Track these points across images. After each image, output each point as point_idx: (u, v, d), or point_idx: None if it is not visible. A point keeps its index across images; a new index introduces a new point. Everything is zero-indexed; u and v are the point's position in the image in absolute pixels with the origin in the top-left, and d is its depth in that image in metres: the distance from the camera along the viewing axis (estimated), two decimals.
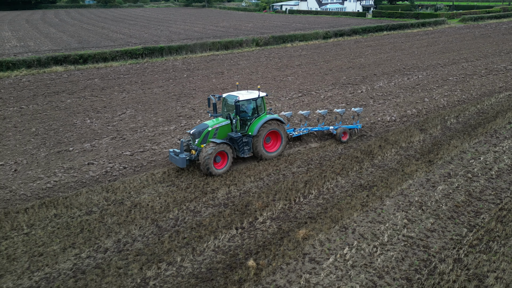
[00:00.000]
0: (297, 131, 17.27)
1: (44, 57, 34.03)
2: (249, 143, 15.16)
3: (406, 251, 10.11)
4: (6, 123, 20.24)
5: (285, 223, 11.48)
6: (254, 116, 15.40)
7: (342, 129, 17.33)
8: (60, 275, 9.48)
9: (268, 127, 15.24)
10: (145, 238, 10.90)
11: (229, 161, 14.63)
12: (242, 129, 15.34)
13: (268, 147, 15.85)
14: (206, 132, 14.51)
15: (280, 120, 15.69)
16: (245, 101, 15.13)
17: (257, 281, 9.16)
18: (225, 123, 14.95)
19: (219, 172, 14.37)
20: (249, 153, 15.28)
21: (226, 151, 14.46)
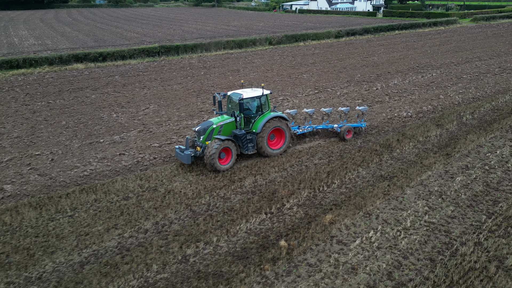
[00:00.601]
0: (301, 129, 17.50)
1: (65, 55, 35.12)
2: (253, 140, 15.37)
3: (428, 235, 10.72)
4: (37, 117, 21.21)
5: (311, 209, 12.15)
6: (258, 113, 15.63)
7: (346, 127, 17.46)
8: (107, 252, 10.28)
9: (272, 125, 15.44)
10: (181, 221, 11.65)
11: (233, 157, 14.87)
12: (247, 126, 15.57)
13: (272, 145, 16.04)
14: (211, 129, 14.81)
15: (284, 117, 15.85)
16: (249, 99, 15.36)
17: (289, 259, 9.85)
18: (230, 120, 15.21)
19: (224, 168, 14.64)
20: (253, 150, 15.50)
21: (231, 148, 14.74)
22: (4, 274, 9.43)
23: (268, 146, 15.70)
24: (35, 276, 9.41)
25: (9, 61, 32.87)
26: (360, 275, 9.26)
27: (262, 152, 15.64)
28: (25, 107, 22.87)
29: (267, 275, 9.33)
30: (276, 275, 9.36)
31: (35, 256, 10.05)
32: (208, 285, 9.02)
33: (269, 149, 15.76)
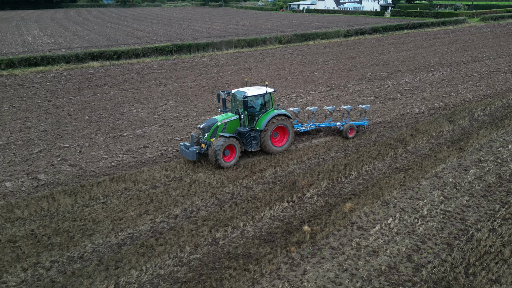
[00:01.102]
0: (304, 127, 17.64)
1: (81, 53, 36.00)
2: (256, 137, 15.57)
3: (444, 222, 11.26)
4: (60, 112, 22.01)
5: (331, 198, 12.73)
6: (262, 111, 15.81)
7: (349, 125, 17.61)
8: (141, 235, 10.96)
9: (275, 122, 15.64)
10: (208, 207, 12.30)
11: (237, 154, 15.08)
12: (250, 124, 15.75)
13: (275, 142, 16.21)
14: (216, 126, 15.06)
15: (287, 115, 16.01)
16: (253, 97, 15.55)
17: (313, 243, 10.45)
18: (234, 118, 15.43)
19: (228, 165, 14.86)
20: (256, 147, 15.69)
21: (235, 145, 14.93)
22: (48, 254, 10.14)
23: (271, 144, 15.90)
24: (76, 256, 10.11)
25: (28, 58, 33.82)
26: (381, 257, 9.84)
27: (265, 149, 15.87)
28: (48, 103, 23.70)
29: (293, 257, 9.94)
30: (302, 256, 9.97)
31: (75, 238, 10.76)
32: (239, 265, 9.65)
33: (273, 146, 15.96)
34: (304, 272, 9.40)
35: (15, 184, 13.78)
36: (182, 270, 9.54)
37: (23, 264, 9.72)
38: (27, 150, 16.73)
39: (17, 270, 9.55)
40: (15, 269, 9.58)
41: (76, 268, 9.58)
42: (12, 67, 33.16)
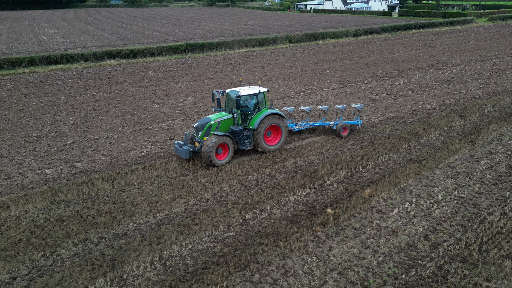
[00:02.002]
0: (298, 126, 17.88)
1: (99, 52, 37.15)
2: (250, 136, 15.80)
3: (458, 207, 12.07)
4: (86, 107, 23.07)
5: (350, 185, 13.59)
6: (255, 110, 16.03)
7: (342, 125, 17.80)
8: (177, 216, 11.90)
9: (268, 121, 15.83)
10: (236, 193, 13.22)
11: (230, 152, 15.30)
12: (244, 123, 15.96)
13: (269, 141, 16.43)
14: (209, 125, 15.30)
15: (280, 114, 16.21)
16: (247, 96, 15.80)
17: (336, 224, 11.32)
18: (227, 117, 15.65)
19: (221, 163, 15.06)
20: (250, 146, 15.92)
21: (228, 144, 15.14)
22: (95, 231, 11.10)
23: (264, 142, 16.10)
24: (121, 233, 11.07)
25: (48, 57, 35.02)
26: (400, 236, 10.68)
27: (258, 148, 16.08)
28: (73, 98, 24.78)
29: (319, 235, 10.82)
30: (326, 235, 10.84)
31: (117, 218, 11.72)
32: (270, 241, 10.55)
33: (266, 145, 16.17)
34: (330, 248, 10.27)
35: (55, 171, 14.82)
36: (218, 246, 10.47)
37: (74, 240, 10.71)
38: (60, 141, 17.78)
39: (68, 244, 10.54)
40: (67, 244, 10.56)
41: (122, 243, 10.55)
42: (33, 65, 34.39)
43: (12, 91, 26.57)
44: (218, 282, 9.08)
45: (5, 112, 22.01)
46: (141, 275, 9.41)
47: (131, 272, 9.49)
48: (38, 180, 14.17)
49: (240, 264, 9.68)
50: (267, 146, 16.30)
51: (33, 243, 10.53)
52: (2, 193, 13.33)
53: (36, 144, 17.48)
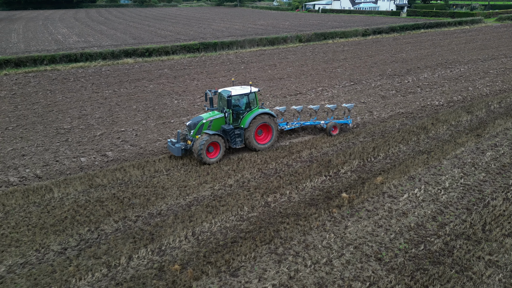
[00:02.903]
0: (289, 125, 18.25)
1: (116, 50, 38.52)
2: (241, 135, 16.16)
3: (464, 193, 13.03)
4: (109, 102, 24.35)
5: (363, 173, 14.61)
6: (246, 110, 16.39)
7: (332, 124, 18.25)
8: (204, 198, 13.02)
9: (259, 120, 16.19)
10: (256, 179, 14.31)
11: (221, 151, 15.65)
12: (236, 122, 16.32)
13: (260, 139, 16.80)
14: (201, 124, 15.72)
15: (271, 114, 16.55)
16: (238, 96, 16.14)
17: (351, 206, 12.35)
18: (219, 116, 16.03)
19: (212, 161, 15.40)
20: (241, 144, 16.31)
21: (219, 142, 15.50)
22: (132, 211, 12.26)
23: (255, 141, 16.47)
24: (155, 212, 12.22)
25: (68, 55, 36.46)
26: (410, 217, 11.68)
27: (249, 146, 16.48)
28: (96, 94, 26.10)
29: (335, 216, 11.86)
30: (342, 216, 11.88)
31: (151, 199, 12.88)
32: (290, 221, 11.61)
33: (256, 143, 16.55)
34: (346, 227, 11.31)
35: (89, 160, 16.05)
36: (244, 224, 11.56)
37: (114, 217, 11.88)
38: (90, 133, 19.04)
39: (110, 221, 11.72)
40: (108, 221, 11.74)
41: (157, 221, 11.70)
42: (54, 63, 35.82)
43: (37, 87, 27.98)
44: (246, 253, 10.18)
45: (34, 107, 23.37)
46: (177, 247, 10.55)
47: (168, 245, 10.63)
48: (74, 167, 15.42)
49: (265, 239, 10.77)
50: (258, 144, 16.64)
51: (78, 220, 11.73)
52: (43, 178, 14.59)
53: (67, 135, 18.77)
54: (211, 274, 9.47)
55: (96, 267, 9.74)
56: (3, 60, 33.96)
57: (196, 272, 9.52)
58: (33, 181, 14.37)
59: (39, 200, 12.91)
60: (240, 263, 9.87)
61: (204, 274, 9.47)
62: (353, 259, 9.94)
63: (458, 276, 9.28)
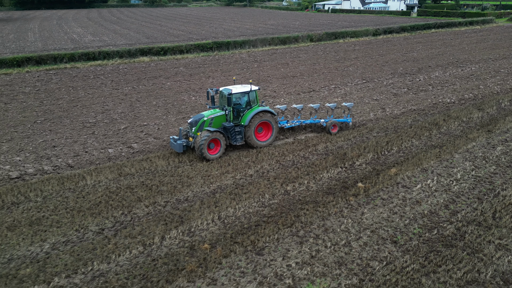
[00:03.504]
0: (290, 123, 18.49)
1: (133, 49, 39.61)
2: (241, 132, 16.50)
3: (475, 184, 13.62)
4: (130, 98, 25.32)
5: (377, 165, 15.26)
6: (247, 108, 16.75)
7: (332, 122, 18.53)
8: (227, 186, 13.82)
9: (259, 118, 16.54)
10: (275, 170, 15.06)
11: (222, 147, 16.04)
12: (236, 119, 16.66)
13: (260, 137, 17.16)
14: (202, 121, 16.07)
15: (270, 111, 16.93)
16: (239, 94, 16.54)
17: (367, 195, 13.03)
18: (220, 113, 16.40)
19: (212, 157, 15.79)
20: (241, 141, 16.58)
21: (219, 139, 15.90)
22: (161, 197, 13.10)
23: (255, 138, 16.81)
24: (182, 199, 13.05)
25: (87, 53, 37.64)
26: (423, 205, 12.33)
27: (249, 143, 16.82)
28: (116, 91, 27.10)
29: (352, 204, 12.55)
30: (358, 204, 12.56)
31: (177, 187, 13.71)
32: (310, 207, 12.34)
33: (257, 140, 16.90)
34: (362, 213, 12.00)
35: (116, 151, 16.97)
36: (266, 210, 12.32)
37: (144, 203, 12.73)
38: (114, 126, 19.99)
39: (141, 206, 12.57)
40: (139, 205, 12.59)
41: (185, 206, 12.52)
42: (73, 61, 37.03)
43: (59, 84, 29.10)
44: (270, 235, 10.93)
45: (59, 102, 24.44)
46: (205, 229, 11.35)
47: (197, 227, 11.44)
48: (102, 157, 16.34)
49: (287, 222, 11.52)
50: (258, 141, 16.98)
51: (112, 205, 12.61)
52: (74, 167, 15.53)
53: (93, 128, 19.73)
54: (238, 253, 10.26)
55: (132, 245, 10.60)
56: (25, 58, 35.27)
57: (225, 250, 10.31)
58: (66, 169, 15.34)
59: (74, 187, 13.85)
60: (264, 244, 10.63)
61: (232, 253, 10.25)
62: (370, 242, 10.64)
63: (470, 258, 9.92)
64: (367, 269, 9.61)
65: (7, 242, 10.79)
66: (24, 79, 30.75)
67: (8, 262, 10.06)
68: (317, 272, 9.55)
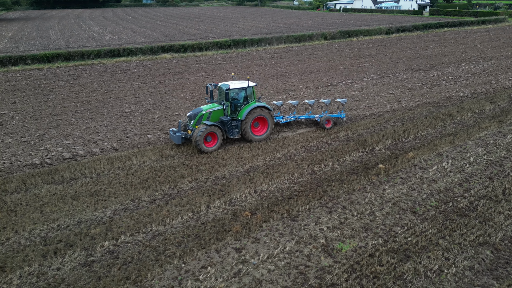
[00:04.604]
0: (285, 118, 19.19)
1: (155, 46, 41.37)
2: (238, 126, 17.17)
3: (487, 166, 14.86)
4: (158, 91, 26.97)
5: (396, 150, 16.58)
6: (244, 103, 17.44)
7: (326, 117, 19.18)
8: (259, 167, 15.27)
9: (255, 113, 17.20)
10: (301, 154, 16.48)
11: (219, 141, 16.69)
12: (234, 114, 17.37)
13: (256, 131, 17.87)
14: (200, 115, 16.78)
15: (267, 107, 17.56)
16: (237, 90, 17.23)
17: (387, 175, 14.38)
18: (218, 108, 17.10)
19: (209, 150, 16.48)
20: (237, 135, 17.33)
21: (216, 132, 16.57)
22: (201, 174, 14.63)
23: (251, 132, 17.52)
24: (220, 176, 14.56)
25: (112, 50, 39.50)
26: (439, 183, 13.63)
27: (246, 137, 17.52)
28: (145, 85, 28.79)
29: (374, 182, 13.91)
30: (380, 182, 13.92)
31: (214, 167, 15.23)
32: (335, 184, 13.72)
33: (253, 135, 17.61)
34: (384, 190, 13.36)
35: (154, 136, 18.57)
36: (296, 186, 13.76)
37: (187, 179, 14.27)
38: (148, 116, 21.62)
39: (185, 181, 14.10)
40: (183, 181, 14.13)
41: (224, 182, 14.02)
42: (100, 57, 38.92)
43: (90, 78, 30.92)
44: (302, 205, 12.37)
45: (94, 94, 26.20)
46: (244, 200, 12.83)
47: (236, 199, 12.93)
48: (143, 142, 17.94)
49: (316, 196, 12.94)
50: (254, 136, 17.71)
51: (158, 180, 14.18)
52: (119, 150, 17.16)
53: (130, 117, 21.39)
54: (275, 219, 11.71)
55: (183, 212, 12.13)
56: (55, 54, 37.25)
57: (264, 217, 11.77)
58: (112, 152, 16.98)
59: (122, 166, 15.47)
60: (298, 212, 12.07)
61: (271, 219, 11.71)
62: (392, 212, 12.00)
63: (481, 225, 11.22)
64: (390, 233, 10.99)
65: (73, 209, 12.42)
66: (56, 74, 32.66)
67: (78, 224, 11.68)
68: (346, 234, 10.95)
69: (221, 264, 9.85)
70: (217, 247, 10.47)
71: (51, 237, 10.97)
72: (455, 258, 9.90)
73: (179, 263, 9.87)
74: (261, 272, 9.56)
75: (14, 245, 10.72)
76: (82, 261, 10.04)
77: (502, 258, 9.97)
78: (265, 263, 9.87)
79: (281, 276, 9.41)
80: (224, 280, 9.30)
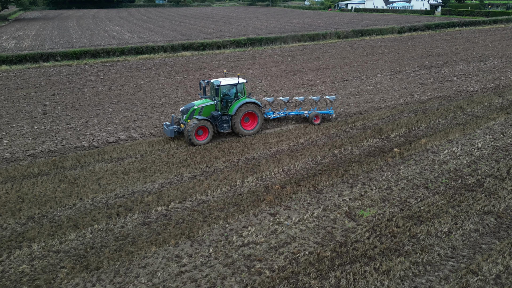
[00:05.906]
0: (275, 114, 20.11)
1: (176, 44, 43.31)
2: (228, 121, 17.97)
3: (494, 151, 16.25)
4: (184, 86, 28.79)
5: (409, 137, 18.05)
6: (235, 99, 18.25)
7: (315, 113, 19.97)
8: (284, 151, 16.90)
9: (245, 109, 17.98)
10: (322, 140, 18.07)
11: (210, 134, 17.55)
12: (225, 109, 18.18)
13: (246, 126, 18.64)
14: (192, 110, 17.60)
15: (256, 103, 18.30)
16: (228, 86, 18.00)
17: (401, 158, 15.88)
18: (210, 103, 17.94)
19: (200, 143, 17.34)
20: (228, 130, 18.09)
21: (207, 127, 17.41)
22: (235, 156, 16.31)
23: (241, 127, 18.30)
24: (250, 158, 16.23)
25: (136, 48, 41.58)
26: (449, 165, 15.09)
27: (236, 132, 18.28)
28: (170, 79, 30.66)
29: (390, 163, 15.43)
30: (395, 163, 15.43)
31: (244, 150, 16.90)
32: (355, 165, 15.27)
33: (243, 129, 18.39)
34: (399, 169, 14.87)
35: None
36: (319, 166, 15.35)
37: (221, 159, 15.98)
38: (179, 107, 23.39)
39: (219, 162, 15.82)
40: (218, 161, 15.85)
41: (254, 162, 15.68)
42: (124, 55, 41.00)
43: (118, 74, 32.92)
44: (326, 181, 13.96)
45: (124, 88, 28.15)
46: (273, 177, 14.47)
47: (267, 176, 14.58)
48: None
49: (338, 174, 14.52)
50: (244, 130, 18.48)
51: (196, 160, 15.92)
52: (156, 136, 18.97)
53: (162, 108, 23.23)
54: (303, 192, 13.33)
55: (221, 185, 13.83)
56: (83, 51, 39.44)
57: (293, 190, 13.40)
58: (150, 137, 18.78)
59: (162, 148, 17.26)
60: (322, 187, 13.67)
61: (299, 191, 13.33)
62: (407, 187, 13.52)
63: (486, 198, 12.67)
64: (405, 203, 12.52)
65: (126, 182, 14.22)
66: (86, 70, 34.77)
67: (132, 193, 13.46)
68: (366, 204, 12.52)
69: (260, 225, 11.51)
70: (255, 212, 12.14)
71: (111, 203, 12.77)
72: (463, 223, 11.39)
73: (223, 224, 11.57)
74: (294, 231, 11.19)
75: (81, 209, 12.55)
76: (141, 221, 11.80)
77: (504, 223, 11.43)
78: (297, 224, 11.51)
79: (312, 235, 11.03)
80: (264, 236, 10.96)
